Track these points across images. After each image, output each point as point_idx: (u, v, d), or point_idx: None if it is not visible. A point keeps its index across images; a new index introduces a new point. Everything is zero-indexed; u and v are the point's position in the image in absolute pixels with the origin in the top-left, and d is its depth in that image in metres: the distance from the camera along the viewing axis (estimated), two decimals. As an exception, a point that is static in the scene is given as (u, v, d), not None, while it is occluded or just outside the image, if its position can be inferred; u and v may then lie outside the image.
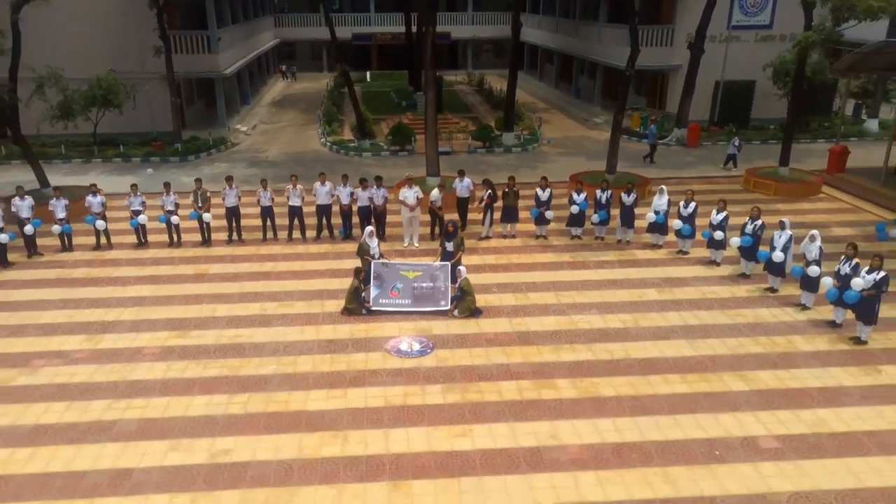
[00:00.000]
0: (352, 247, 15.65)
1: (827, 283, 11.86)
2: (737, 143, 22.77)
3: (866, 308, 11.22)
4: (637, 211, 16.06)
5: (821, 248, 12.55)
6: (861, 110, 29.56)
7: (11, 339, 11.71)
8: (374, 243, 13.19)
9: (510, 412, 9.63)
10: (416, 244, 15.92)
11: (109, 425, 9.37)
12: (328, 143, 27.13)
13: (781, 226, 13.15)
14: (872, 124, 27.56)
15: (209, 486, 8.20)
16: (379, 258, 13.17)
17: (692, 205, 15.05)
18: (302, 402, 9.90)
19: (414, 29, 36.87)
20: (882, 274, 10.99)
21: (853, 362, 10.91)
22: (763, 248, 13.52)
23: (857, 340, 11.45)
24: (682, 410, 9.66)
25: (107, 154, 24.63)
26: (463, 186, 16.88)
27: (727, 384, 10.30)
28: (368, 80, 44.01)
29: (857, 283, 11.09)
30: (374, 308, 12.56)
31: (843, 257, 11.78)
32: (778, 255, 13.02)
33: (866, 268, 11.20)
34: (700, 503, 7.92)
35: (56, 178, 20.58)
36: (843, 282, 11.42)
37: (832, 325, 12.02)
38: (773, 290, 13.40)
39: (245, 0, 36.32)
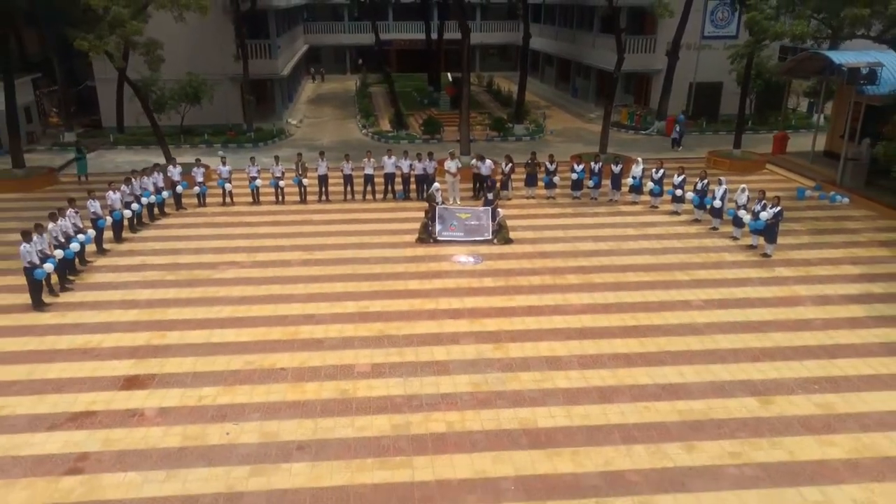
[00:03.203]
0: (410, 204, 21.46)
1: (747, 219, 17.61)
2: (678, 130, 28.83)
3: (770, 232, 16.98)
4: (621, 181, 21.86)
5: (748, 196, 18.32)
6: (814, 107, 35.42)
7: (197, 255, 17.33)
8: (438, 195, 18.95)
9: (537, 290, 15.31)
10: (458, 202, 21.53)
11: (288, 296, 15.00)
12: (369, 133, 32.78)
13: (719, 182, 18.92)
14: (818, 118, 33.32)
15: (362, 321, 13.84)
16: (441, 204, 18.85)
17: (661, 171, 20.77)
18: (404, 286, 15.55)
19: (434, 36, 42.56)
20: (778, 208, 16.74)
21: (759, 266, 16.66)
22: (708, 198, 19.27)
23: (764, 255, 17.19)
24: (645, 289, 15.36)
25: (193, 141, 30.21)
26: (485, 167, 22.42)
27: (675, 277, 16.02)
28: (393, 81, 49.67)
29: (764, 215, 16.83)
30: (439, 238, 18.23)
31: (756, 199, 17.50)
32: (717, 204, 18.77)
33: (770, 204, 16.93)
34: (652, 327, 13.59)
35: (155, 158, 26.02)
36: (755, 216, 17.15)
37: (750, 247, 17.74)
38: (714, 228, 19.14)
39: (286, 12, 41.87)
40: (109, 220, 17.55)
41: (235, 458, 9.78)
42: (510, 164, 22.05)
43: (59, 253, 14.74)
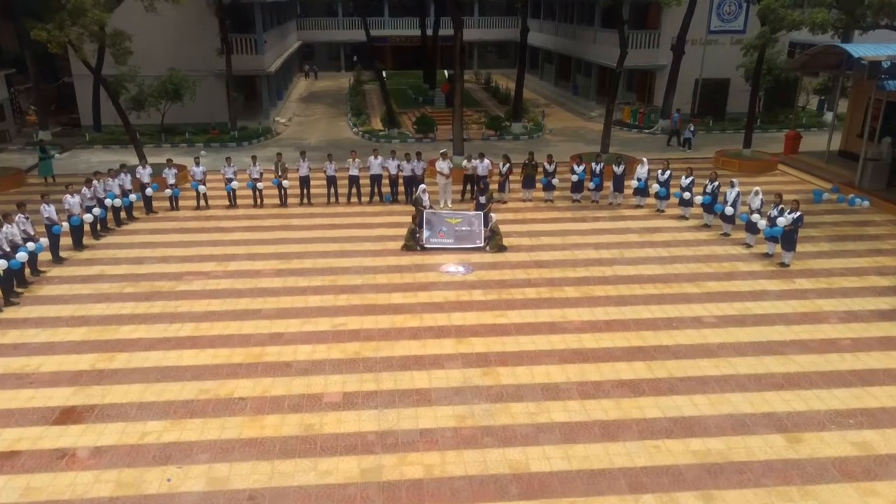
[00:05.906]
0: (398, 208, 19.98)
1: (762, 225, 16.13)
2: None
3: (788, 239, 15.49)
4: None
5: (762, 199, 16.84)
6: (825, 105, 33.95)
7: (163, 265, 15.87)
8: (425, 197, 17.43)
9: (533, 305, 13.84)
10: (450, 205, 20.04)
11: (256, 312, 13.53)
12: (360, 132, 31.30)
13: (731, 184, 17.42)
14: (830, 116, 31.83)
15: (335, 341, 12.36)
16: (429, 208, 17.37)
17: (668, 172, 19.30)
18: (386, 300, 14.08)
19: (429, 32, 41.09)
20: (798, 213, 15.25)
21: (776, 277, 15.18)
22: (719, 204, 17.79)
23: (782, 264, 15.71)
24: (652, 303, 13.88)
25: (174, 140, 28.75)
26: (483, 166, 20.94)
27: (685, 289, 14.54)
28: (384, 77, 48.18)
29: (781, 221, 15.35)
30: (426, 245, 16.76)
31: (772, 205, 16.02)
32: (729, 210, 17.28)
33: (788, 209, 15.45)
34: (660, 348, 12.12)
35: (133, 158, 24.53)
36: (771, 222, 15.67)
37: (766, 255, 16.26)
38: (726, 234, 17.65)
39: (276, 7, 40.43)
40: (66, 225, 16.10)
41: (174, 511, 8.33)
42: (507, 165, 20.59)
43: (2, 263, 13.29)
